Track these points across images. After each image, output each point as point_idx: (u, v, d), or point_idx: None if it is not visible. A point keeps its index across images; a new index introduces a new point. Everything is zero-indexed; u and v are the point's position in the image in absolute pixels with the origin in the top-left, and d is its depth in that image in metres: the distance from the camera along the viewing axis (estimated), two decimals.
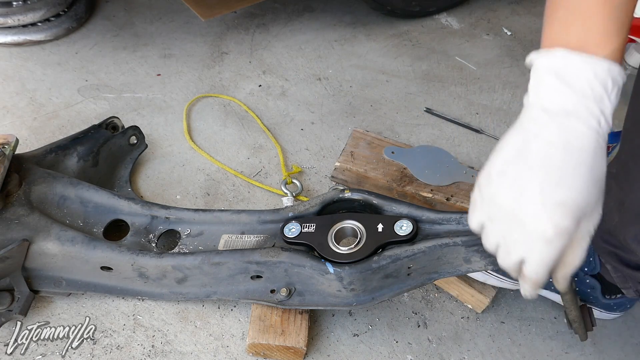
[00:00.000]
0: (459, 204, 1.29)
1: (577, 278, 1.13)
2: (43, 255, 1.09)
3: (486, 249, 0.77)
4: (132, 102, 1.62)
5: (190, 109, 1.62)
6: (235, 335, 1.13)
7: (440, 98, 1.72)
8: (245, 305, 1.16)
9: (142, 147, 1.41)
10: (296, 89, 1.72)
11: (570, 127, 0.69)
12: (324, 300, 1.04)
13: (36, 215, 1.11)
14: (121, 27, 1.88)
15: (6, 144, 1.16)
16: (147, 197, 1.37)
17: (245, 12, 1.98)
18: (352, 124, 1.61)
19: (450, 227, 1.02)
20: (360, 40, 1.92)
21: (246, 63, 1.79)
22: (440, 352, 1.13)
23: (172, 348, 1.10)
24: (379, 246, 1.00)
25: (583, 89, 0.68)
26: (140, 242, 1.16)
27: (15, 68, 1.69)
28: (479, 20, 2.06)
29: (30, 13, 1.73)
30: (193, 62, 1.78)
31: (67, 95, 1.62)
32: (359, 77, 1.77)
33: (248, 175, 1.44)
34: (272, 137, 1.54)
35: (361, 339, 1.14)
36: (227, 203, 1.38)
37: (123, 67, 1.74)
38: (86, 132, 1.32)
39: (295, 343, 1.05)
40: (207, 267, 1.07)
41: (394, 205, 1.06)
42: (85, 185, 1.19)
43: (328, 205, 1.10)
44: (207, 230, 1.16)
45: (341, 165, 1.34)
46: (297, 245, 1.06)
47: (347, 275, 0.98)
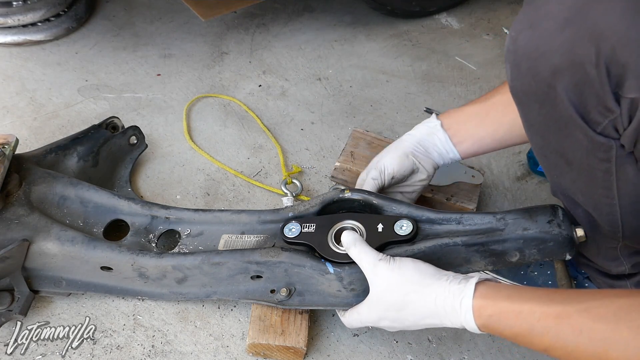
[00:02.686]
0: (459, 204, 1.29)
1: (576, 281, 1.14)
2: (43, 255, 1.09)
3: None
4: (132, 102, 1.62)
5: (190, 109, 1.62)
6: (235, 335, 1.13)
7: (440, 98, 1.72)
8: (245, 305, 1.16)
9: (142, 147, 1.41)
10: (296, 89, 1.72)
11: None
12: (324, 300, 1.04)
13: (36, 215, 1.11)
14: (121, 27, 1.88)
15: (6, 144, 1.16)
16: (147, 197, 1.37)
17: (245, 12, 1.98)
18: (352, 124, 1.61)
19: (450, 227, 1.02)
20: (360, 40, 1.92)
21: (246, 63, 1.79)
22: (440, 352, 1.13)
23: (172, 348, 1.10)
24: (379, 246, 1.00)
25: None
26: (140, 242, 1.16)
27: (15, 68, 1.69)
28: (479, 20, 2.06)
29: (30, 13, 1.73)
30: (193, 62, 1.78)
31: (67, 95, 1.62)
32: (359, 77, 1.77)
33: (248, 175, 1.44)
34: (272, 137, 1.54)
35: (361, 339, 1.14)
36: (227, 203, 1.38)
37: (123, 67, 1.74)
38: (86, 132, 1.32)
39: (295, 343, 1.05)
40: (207, 267, 1.07)
41: (394, 205, 1.06)
42: (85, 185, 1.19)
43: (328, 205, 1.10)
44: (207, 230, 1.16)
45: (341, 165, 1.34)
46: (297, 245, 1.06)
47: (347, 275, 0.98)
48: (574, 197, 0.96)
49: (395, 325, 0.94)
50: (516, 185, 1.48)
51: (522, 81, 0.82)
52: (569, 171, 0.90)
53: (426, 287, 0.87)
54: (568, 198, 0.99)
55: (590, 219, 0.97)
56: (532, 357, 1.14)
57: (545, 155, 0.94)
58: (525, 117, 0.89)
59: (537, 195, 1.45)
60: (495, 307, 0.80)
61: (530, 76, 0.79)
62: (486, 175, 1.45)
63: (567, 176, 0.93)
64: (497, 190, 1.46)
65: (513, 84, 0.84)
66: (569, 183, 0.94)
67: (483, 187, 1.41)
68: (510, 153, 1.55)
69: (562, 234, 0.95)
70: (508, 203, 1.43)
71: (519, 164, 1.53)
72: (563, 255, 0.96)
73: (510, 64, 0.82)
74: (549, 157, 0.93)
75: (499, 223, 0.99)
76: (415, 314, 0.89)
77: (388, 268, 0.90)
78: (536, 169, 1.48)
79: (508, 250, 0.98)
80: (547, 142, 0.89)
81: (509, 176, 1.50)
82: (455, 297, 0.84)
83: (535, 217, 0.97)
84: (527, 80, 0.80)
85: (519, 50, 0.79)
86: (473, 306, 0.82)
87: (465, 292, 0.83)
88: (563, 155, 0.88)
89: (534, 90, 0.80)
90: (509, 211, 1.01)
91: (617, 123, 0.77)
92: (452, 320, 0.85)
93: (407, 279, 0.88)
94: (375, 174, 1.11)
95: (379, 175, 1.11)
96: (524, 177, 1.50)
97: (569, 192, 0.97)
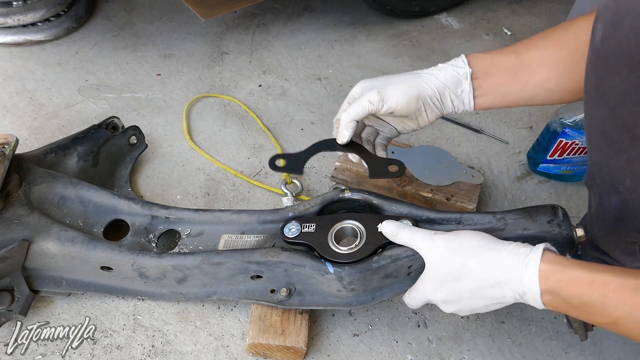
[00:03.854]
0: (459, 204, 1.29)
1: None
2: (43, 255, 1.09)
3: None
4: (132, 102, 1.62)
5: (190, 109, 1.62)
6: (235, 335, 1.13)
7: None
8: (245, 305, 1.16)
9: (142, 147, 1.41)
10: (296, 89, 1.72)
11: None
12: (324, 300, 1.04)
13: (36, 215, 1.11)
14: (121, 27, 1.88)
15: (6, 144, 1.16)
16: (147, 197, 1.37)
17: (245, 12, 1.98)
18: None
19: (450, 227, 1.02)
20: (360, 40, 1.92)
21: (246, 63, 1.79)
22: (440, 352, 1.13)
23: (172, 348, 1.10)
24: (379, 246, 1.00)
25: None
26: (140, 242, 1.16)
27: (15, 68, 1.69)
28: (479, 20, 2.06)
29: (30, 13, 1.73)
30: (193, 62, 1.78)
31: (67, 95, 1.62)
32: (359, 77, 1.76)
33: (248, 175, 1.44)
34: (272, 137, 1.54)
35: (361, 338, 1.14)
36: (227, 203, 1.38)
37: (123, 67, 1.74)
38: (86, 132, 1.32)
39: (295, 343, 1.05)
40: (207, 267, 1.07)
41: (394, 205, 1.06)
42: (85, 185, 1.19)
43: (328, 205, 1.10)
44: (207, 230, 1.16)
45: (341, 165, 1.34)
46: (297, 245, 1.06)
47: (347, 275, 0.98)
48: (617, 181, 0.91)
49: (452, 299, 0.88)
50: (516, 185, 1.48)
51: (619, 41, 0.75)
52: (630, 149, 0.84)
53: (488, 251, 0.82)
54: (607, 184, 0.93)
55: (624, 208, 0.93)
56: (532, 357, 1.14)
57: (605, 130, 0.86)
58: (602, 84, 0.82)
59: (537, 195, 1.45)
60: (565, 273, 0.76)
61: (633, 35, 0.72)
62: (486, 175, 1.45)
63: (624, 155, 0.86)
64: (497, 190, 1.46)
65: (604, 44, 0.77)
66: (623, 164, 0.88)
67: (483, 187, 1.41)
68: (510, 153, 1.55)
69: (562, 234, 0.95)
70: (508, 203, 1.43)
71: (519, 164, 1.53)
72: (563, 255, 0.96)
73: (607, 22, 0.76)
74: (609, 133, 0.86)
75: (499, 223, 0.99)
76: (474, 283, 0.83)
77: (444, 239, 0.86)
78: (536, 169, 1.48)
79: None
80: (616, 115, 0.82)
81: (509, 176, 1.50)
82: (521, 259, 0.79)
83: (535, 217, 0.97)
84: (626, 41, 0.74)
85: (622, 7, 0.74)
86: (540, 270, 0.77)
87: (531, 255, 0.78)
88: (631, 131, 0.81)
89: (632, 51, 0.74)
90: (509, 211, 1.01)
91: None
92: (514, 287, 0.79)
93: (466, 246, 0.84)
94: (374, 97, 0.97)
95: (378, 102, 0.98)
96: (524, 177, 1.50)
97: (614, 175, 0.91)
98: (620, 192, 0.92)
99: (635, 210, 0.92)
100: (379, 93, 0.97)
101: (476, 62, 1.01)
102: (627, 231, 0.98)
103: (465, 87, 1.00)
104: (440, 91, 1.00)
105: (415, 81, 1.00)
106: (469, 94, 1.00)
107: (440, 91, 1.00)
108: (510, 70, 1.00)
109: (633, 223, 0.95)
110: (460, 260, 0.84)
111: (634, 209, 0.92)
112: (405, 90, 0.98)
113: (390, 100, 0.98)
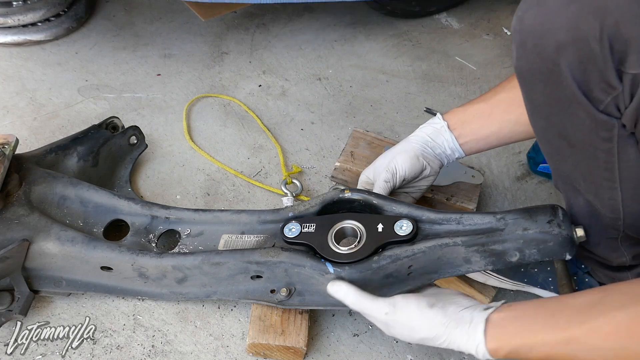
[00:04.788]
0: (459, 204, 1.29)
1: (576, 277, 1.14)
2: (43, 255, 1.09)
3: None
4: (132, 102, 1.62)
5: (190, 109, 1.62)
6: (235, 335, 1.13)
7: (440, 98, 1.72)
8: (245, 305, 1.16)
9: (142, 147, 1.41)
10: (296, 89, 1.72)
11: None
12: (324, 300, 1.03)
13: (36, 215, 1.11)
14: (121, 27, 1.88)
15: (6, 144, 1.17)
16: (147, 197, 1.37)
17: (245, 12, 1.98)
18: (352, 124, 1.61)
19: (450, 227, 1.02)
20: (360, 40, 1.92)
21: (246, 63, 1.79)
22: (440, 352, 1.13)
23: (172, 348, 1.10)
24: (379, 246, 1.00)
25: None
26: (140, 242, 1.16)
27: (15, 68, 1.69)
28: (479, 20, 2.06)
29: (30, 13, 1.73)
30: (193, 62, 1.78)
31: (67, 95, 1.62)
32: (359, 77, 1.77)
33: (248, 175, 1.44)
34: (272, 137, 1.54)
35: (361, 338, 1.14)
36: (227, 203, 1.38)
37: (123, 67, 1.74)
38: (86, 132, 1.32)
39: (295, 343, 1.05)
40: (207, 267, 1.07)
41: (394, 205, 1.06)
42: (85, 185, 1.19)
43: (328, 205, 1.10)
44: (207, 230, 1.16)
45: (341, 165, 1.34)
46: (297, 245, 1.06)
47: (347, 275, 0.98)
48: (575, 184, 0.96)
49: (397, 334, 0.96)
50: (516, 185, 1.48)
51: (527, 59, 0.82)
52: (571, 154, 0.90)
53: (436, 339, 0.89)
54: (569, 186, 0.99)
55: (591, 208, 0.97)
56: None
57: (548, 139, 0.94)
58: (530, 99, 0.89)
59: (537, 195, 1.45)
60: (509, 347, 0.83)
61: (536, 53, 0.79)
62: (486, 175, 1.45)
63: (569, 160, 0.93)
64: (497, 190, 1.46)
65: (518, 63, 0.84)
66: (571, 168, 0.94)
67: (483, 187, 1.41)
68: (510, 153, 1.55)
69: (562, 234, 0.95)
70: (508, 203, 1.43)
71: (519, 164, 1.53)
72: (563, 255, 0.96)
73: (516, 44, 0.82)
74: (551, 141, 0.93)
75: (499, 223, 0.99)
76: (423, 338, 0.91)
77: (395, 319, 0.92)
78: (536, 169, 1.48)
79: (508, 250, 0.98)
80: (551, 124, 0.89)
81: (509, 176, 1.50)
82: (470, 345, 0.86)
83: (535, 217, 0.97)
84: (532, 58, 0.81)
85: (525, 28, 0.79)
86: (489, 350, 0.84)
87: (477, 337, 0.85)
88: (566, 137, 0.88)
89: (539, 68, 0.81)
90: (509, 211, 1.01)
91: (619, 101, 0.78)
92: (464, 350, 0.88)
93: (416, 332, 0.90)
94: (387, 176, 1.11)
95: (392, 178, 1.11)
96: (524, 177, 1.50)
97: (570, 178, 0.97)
98: (582, 193, 0.97)
99: (602, 206, 0.95)
100: (387, 171, 1.11)
101: (451, 116, 1.13)
102: (602, 228, 1.00)
103: (447, 137, 1.12)
104: (428, 145, 1.13)
105: (407, 145, 1.13)
106: (454, 142, 1.12)
107: (429, 145, 1.13)
108: (483, 114, 1.11)
109: (604, 220, 0.98)
110: (414, 339, 0.92)
111: (598, 208, 0.95)
112: (404, 156, 1.11)
113: (399, 170, 1.11)
